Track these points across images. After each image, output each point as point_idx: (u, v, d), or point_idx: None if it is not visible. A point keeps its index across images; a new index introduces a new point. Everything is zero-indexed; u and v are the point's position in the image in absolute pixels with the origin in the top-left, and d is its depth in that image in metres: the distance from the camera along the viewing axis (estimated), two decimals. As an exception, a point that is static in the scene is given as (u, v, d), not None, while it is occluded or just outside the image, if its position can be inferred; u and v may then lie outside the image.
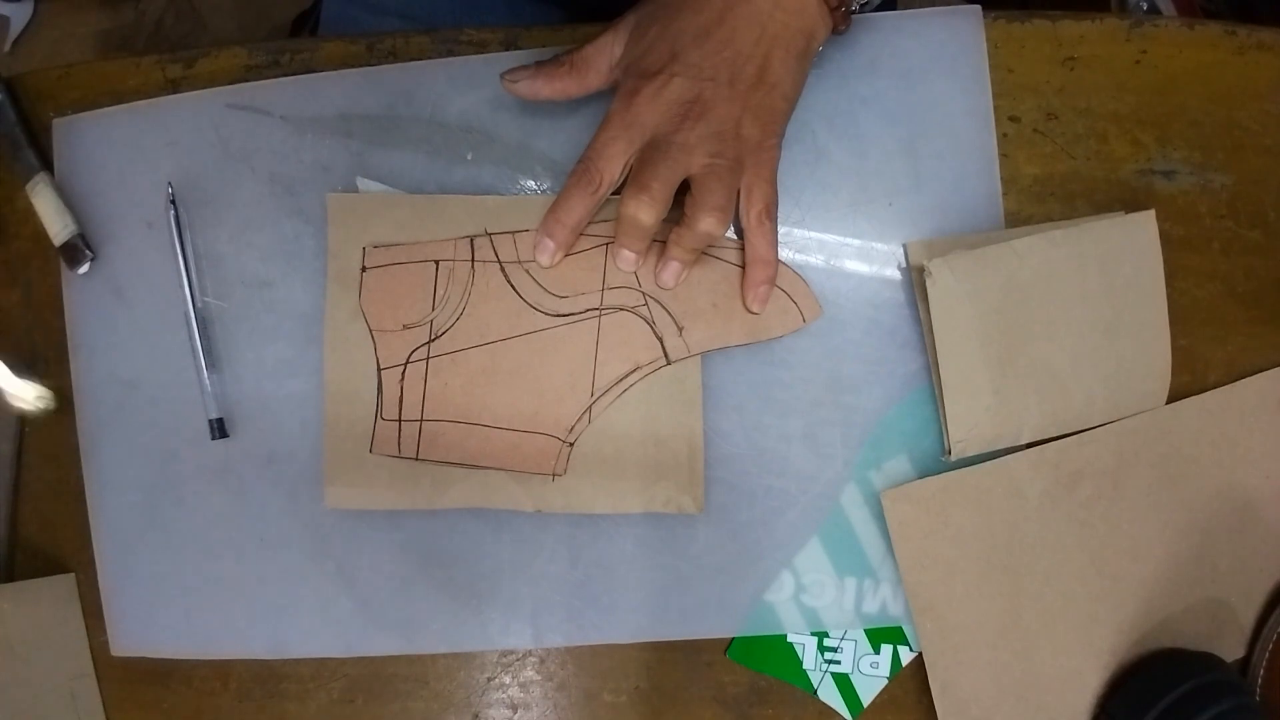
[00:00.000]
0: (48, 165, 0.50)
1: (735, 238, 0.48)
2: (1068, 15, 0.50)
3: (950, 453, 0.47)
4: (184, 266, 0.49)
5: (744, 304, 0.47)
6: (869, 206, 0.49)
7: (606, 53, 0.46)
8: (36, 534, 0.51)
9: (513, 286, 0.48)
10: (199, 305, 0.49)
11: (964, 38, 0.49)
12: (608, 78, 0.46)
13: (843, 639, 0.49)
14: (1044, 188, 0.50)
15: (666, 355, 0.48)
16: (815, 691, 0.49)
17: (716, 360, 0.49)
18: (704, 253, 0.47)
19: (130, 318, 0.50)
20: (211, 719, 0.50)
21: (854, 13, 0.46)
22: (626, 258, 0.47)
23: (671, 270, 0.47)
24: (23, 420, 0.51)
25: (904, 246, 0.49)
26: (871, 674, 0.49)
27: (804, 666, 0.49)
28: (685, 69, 0.42)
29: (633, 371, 0.48)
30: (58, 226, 0.49)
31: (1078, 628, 0.48)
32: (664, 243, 0.47)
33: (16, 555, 0.51)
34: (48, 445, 0.51)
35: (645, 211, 0.44)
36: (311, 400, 0.49)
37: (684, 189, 0.44)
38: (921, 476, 0.48)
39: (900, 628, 0.49)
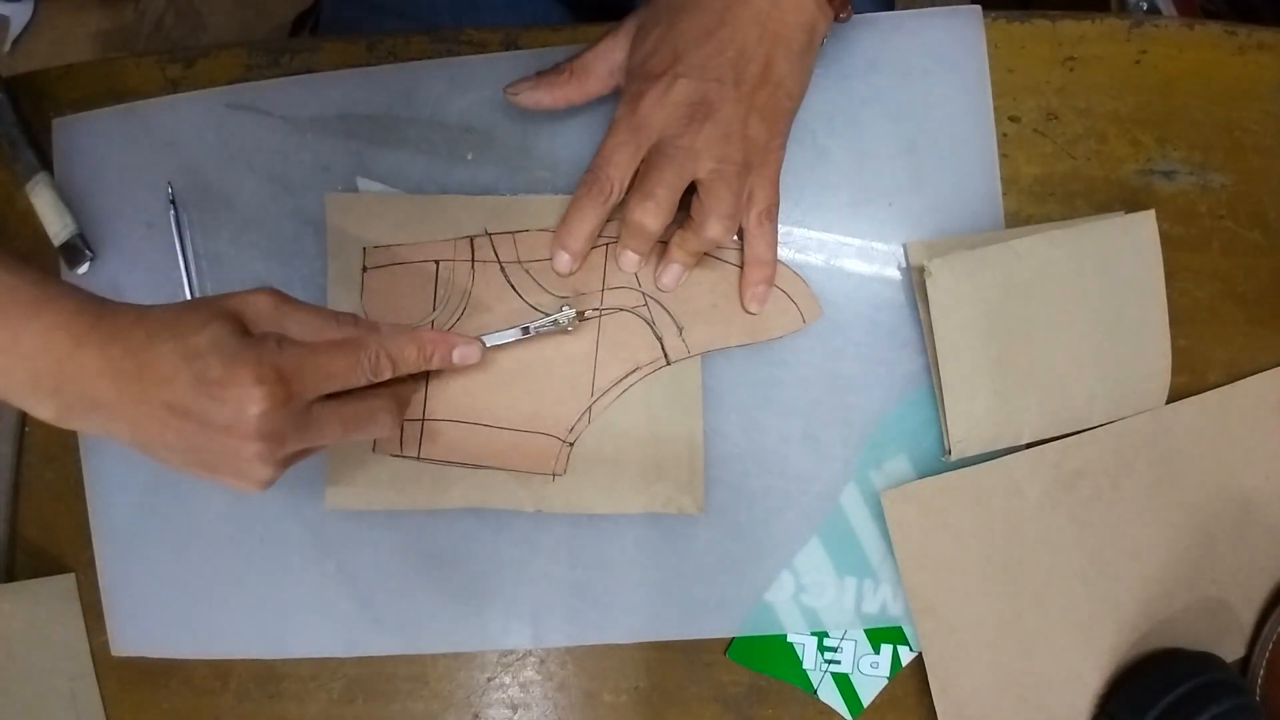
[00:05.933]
0: (48, 165, 0.50)
1: (735, 239, 0.48)
2: (1068, 15, 0.50)
3: (950, 453, 0.47)
4: (184, 266, 0.49)
5: (741, 304, 0.48)
6: (869, 206, 0.49)
7: (607, 58, 0.46)
8: (36, 534, 0.51)
9: (513, 286, 0.48)
10: (199, 305, 0.49)
11: (964, 38, 0.49)
12: (609, 82, 0.46)
13: (843, 639, 0.49)
14: (1044, 188, 0.50)
15: (666, 355, 0.48)
16: (815, 691, 0.49)
17: (716, 360, 0.49)
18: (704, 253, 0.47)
19: (130, 318, 0.50)
20: (211, 719, 0.50)
21: None
22: (630, 259, 0.47)
23: (672, 273, 0.47)
24: (23, 420, 0.51)
25: (904, 246, 0.49)
26: (871, 674, 0.49)
27: (804, 666, 0.49)
28: (689, 70, 0.42)
29: (633, 372, 0.48)
30: (57, 226, 0.49)
31: (1078, 628, 0.48)
32: (665, 244, 0.47)
33: (16, 555, 0.51)
34: (48, 445, 0.51)
35: (651, 218, 0.44)
36: (311, 400, 0.49)
37: (689, 190, 0.44)
38: (921, 476, 0.48)
39: (900, 628, 0.49)
